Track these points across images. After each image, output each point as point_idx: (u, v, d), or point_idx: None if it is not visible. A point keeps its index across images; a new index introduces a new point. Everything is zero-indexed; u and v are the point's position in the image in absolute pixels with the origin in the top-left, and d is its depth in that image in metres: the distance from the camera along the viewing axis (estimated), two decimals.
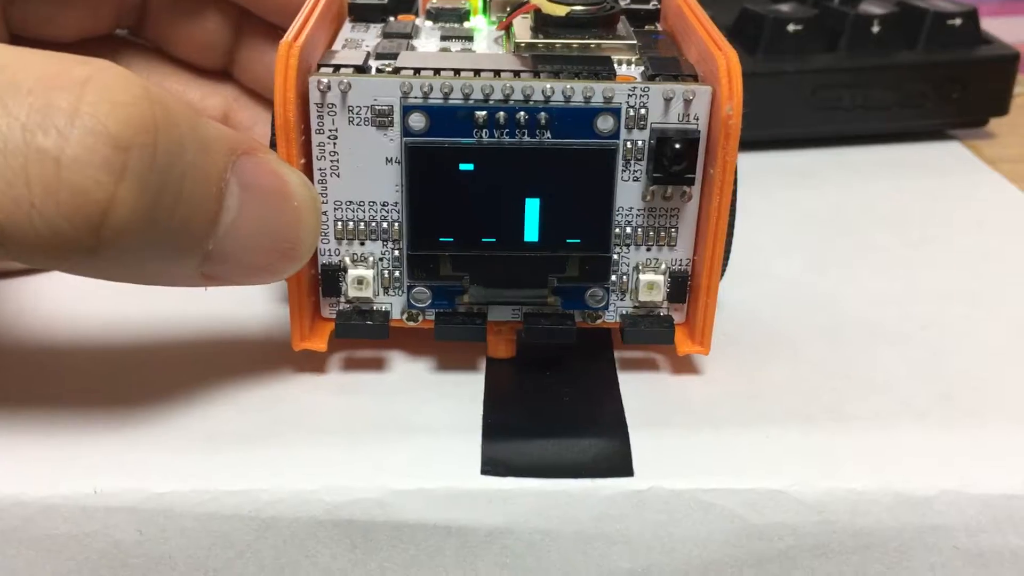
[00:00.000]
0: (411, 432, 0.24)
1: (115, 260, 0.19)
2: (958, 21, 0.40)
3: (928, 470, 0.23)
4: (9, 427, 0.24)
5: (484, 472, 0.22)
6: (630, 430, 0.24)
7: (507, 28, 0.26)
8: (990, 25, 0.42)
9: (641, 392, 0.25)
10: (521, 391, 0.25)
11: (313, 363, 0.26)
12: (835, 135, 0.41)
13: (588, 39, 0.25)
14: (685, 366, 0.26)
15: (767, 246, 0.32)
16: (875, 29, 0.40)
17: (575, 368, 0.26)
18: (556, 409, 0.25)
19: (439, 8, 0.28)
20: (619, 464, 0.23)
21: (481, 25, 0.28)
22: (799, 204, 0.36)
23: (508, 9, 0.28)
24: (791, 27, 0.40)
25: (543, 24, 0.26)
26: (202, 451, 0.23)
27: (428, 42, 0.27)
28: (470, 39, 0.27)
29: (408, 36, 0.27)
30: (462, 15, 0.28)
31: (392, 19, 0.28)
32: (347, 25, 0.28)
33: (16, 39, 0.29)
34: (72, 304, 0.29)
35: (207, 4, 0.31)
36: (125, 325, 0.28)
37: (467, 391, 0.25)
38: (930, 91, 0.41)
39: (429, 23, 0.28)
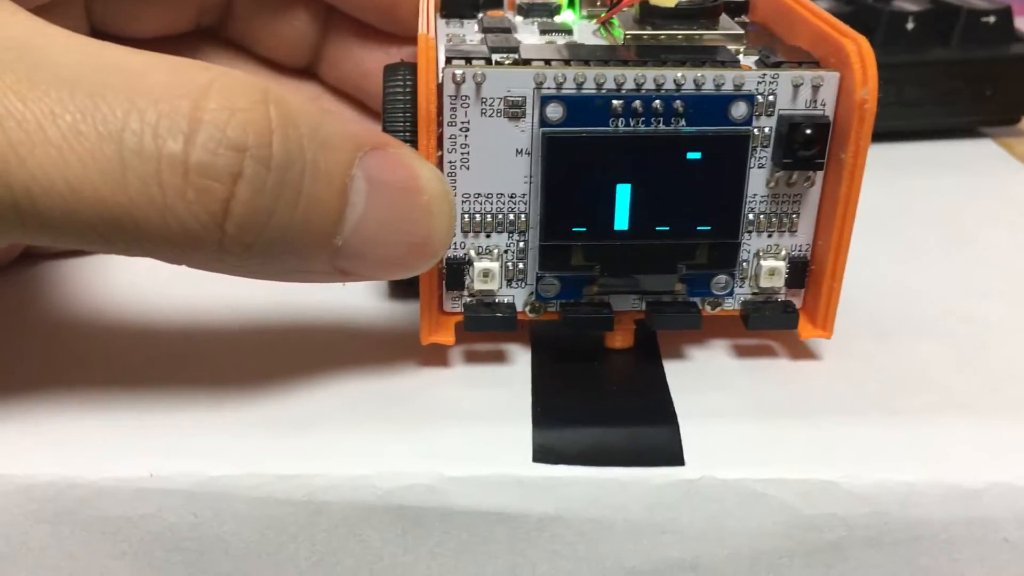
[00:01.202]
0: (464, 420, 0.24)
1: (244, 255, 0.20)
2: (992, 19, 0.41)
3: (978, 463, 0.23)
4: (67, 409, 0.24)
5: (536, 460, 0.23)
6: (683, 420, 0.24)
7: (607, 21, 0.27)
8: None
9: (691, 383, 0.25)
10: (568, 381, 0.25)
11: (370, 353, 0.26)
12: None
13: (695, 30, 0.25)
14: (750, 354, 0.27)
15: None
16: (909, 26, 0.41)
17: (620, 358, 0.26)
18: (605, 398, 0.25)
19: (529, 3, 0.28)
20: (670, 453, 0.23)
21: (570, 19, 0.28)
22: None
23: (598, 3, 0.28)
24: None
25: (649, 15, 0.26)
26: (256, 436, 0.23)
27: (529, 36, 0.27)
28: (569, 32, 0.27)
29: (508, 31, 0.27)
30: (552, 9, 0.28)
31: (483, 15, 0.28)
32: (440, 21, 0.28)
33: (97, 35, 0.29)
34: (144, 288, 0.29)
35: (294, 1, 0.30)
36: (189, 312, 0.28)
37: (519, 380, 0.25)
38: (963, 88, 0.41)
39: (520, 18, 0.28)
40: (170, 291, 0.28)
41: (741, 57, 0.25)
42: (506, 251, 0.25)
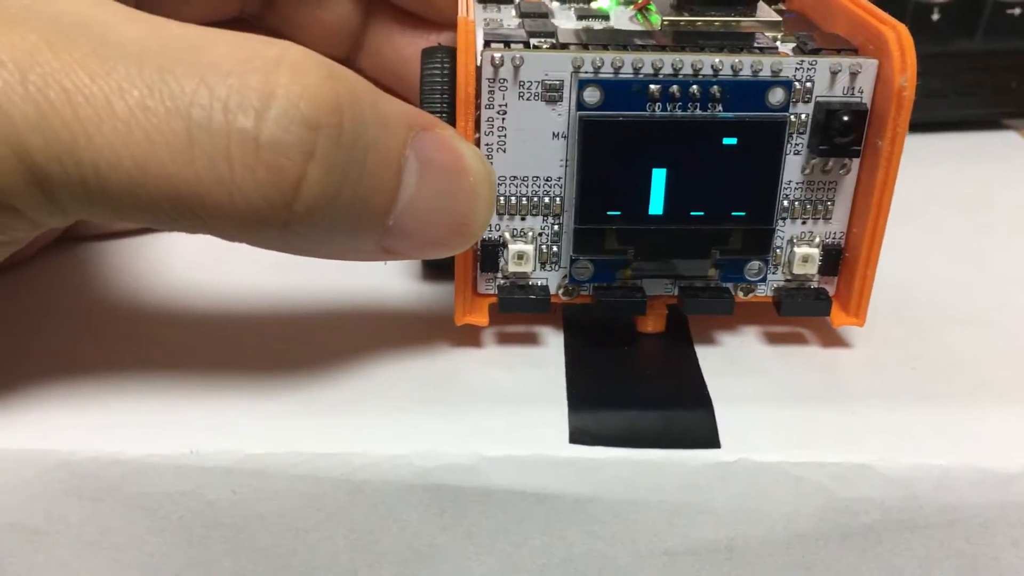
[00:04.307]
0: (503, 401, 0.24)
1: (304, 234, 0.20)
2: (1017, 11, 0.41)
3: (1013, 447, 0.23)
4: (111, 386, 0.24)
5: (572, 441, 0.23)
6: (718, 403, 0.24)
7: (644, 7, 0.27)
8: None
9: (726, 367, 0.25)
10: (601, 364, 0.25)
11: (406, 334, 0.26)
12: None
13: (732, 16, 0.25)
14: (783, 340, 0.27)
15: None
16: (934, 17, 0.41)
17: (652, 342, 0.26)
18: (639, 381, 0.25)
19: None
20: (706, 436, 0.23)
21: (607, 5, 0.28)
22: None
23: None
24: None
25: (686, 2, 0.26)
26: (295, 415, 0.23)
27: (566, 21, 0.27)
28: (606, 18, 0.27)
29: (546, 16, 0.27)
30: None
31: (520, 0, 0.28)
32: (477, 7, 0.28)
33: None
34: (184, 271, 0.29)
35: None
36: (239, 293, 0.28)
37: (553, 362, 0.25)
38: (988, 80, 0.41)
39: (557, 4, 0.28)
40: (210, 274, 0.28)
41: (778, 44, 0.25)
42: (540, 234, 0.25)
